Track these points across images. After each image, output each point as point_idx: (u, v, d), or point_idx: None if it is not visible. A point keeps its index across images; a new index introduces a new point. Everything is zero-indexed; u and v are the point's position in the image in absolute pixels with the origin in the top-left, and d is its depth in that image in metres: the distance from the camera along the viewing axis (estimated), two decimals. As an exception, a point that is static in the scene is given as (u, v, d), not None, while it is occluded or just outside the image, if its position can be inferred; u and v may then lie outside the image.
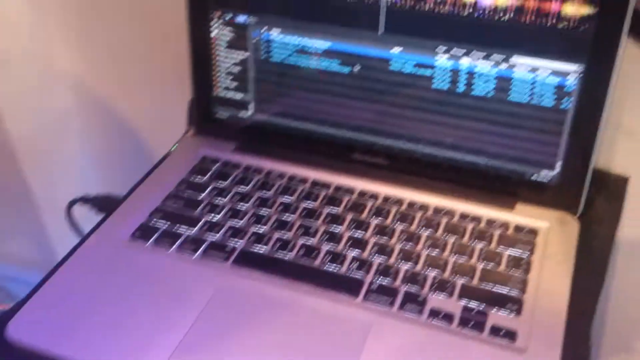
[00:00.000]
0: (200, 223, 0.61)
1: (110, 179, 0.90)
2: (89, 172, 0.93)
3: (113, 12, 0.86)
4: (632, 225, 0.67)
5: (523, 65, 0.58)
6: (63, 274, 0.57)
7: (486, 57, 0.59)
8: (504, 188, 0.63)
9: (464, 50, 0.59)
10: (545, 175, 0.61)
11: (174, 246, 0.59)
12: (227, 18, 0.66)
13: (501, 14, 0.57)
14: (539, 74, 0.58)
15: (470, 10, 0.57)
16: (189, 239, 0.60)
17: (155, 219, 0.62)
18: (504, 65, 0.58)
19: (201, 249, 0.58)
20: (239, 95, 0.69)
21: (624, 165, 0.68)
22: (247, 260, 0.57)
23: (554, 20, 0.55)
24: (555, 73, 0.57)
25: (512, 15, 0.56)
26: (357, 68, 0.63)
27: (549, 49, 0.57)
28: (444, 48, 0.60)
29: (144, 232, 0.60)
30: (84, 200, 0.69)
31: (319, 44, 0.64)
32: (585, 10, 0.54)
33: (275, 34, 0.65)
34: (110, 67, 0.90)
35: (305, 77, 0.66)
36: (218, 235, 0.60)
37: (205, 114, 0.71)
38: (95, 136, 0.92)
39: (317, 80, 0.65)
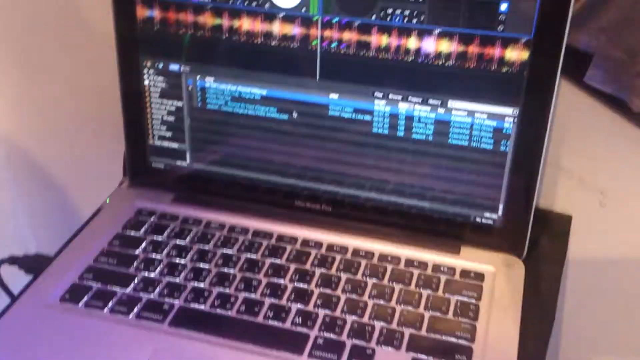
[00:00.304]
0: (135, 281, 0.58)
1: (44, 236, 0.87)
2: (20, 229, 0.90)
3: (43, 63, 0.83)
4: (577, 264, 0.67)
5: (460, 110, 0.58)
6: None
7: (423, 102, 0.58)
8: (448, 232, 0.62)
9: (401, 96, 0.59)
10: (488, 217, 0.61)
11: (108, 307, 0.56)
12: (159, 67, 0.64)
13: (436, 60, 0.56)
14: (477, 118, 0.58)
15: (405, 56, 0.57)
16: (124, 298, 0.57)
17: (87, 279, 0.59)
18: (441, 110, 0.58)
19: (136, 308, 0.56)
20: (174, 145, 0.67)
21: (565, 203, 0.69)
22: (186, 318, 0.55)
23: (488, 65, 0.55)
24: (492, 116, 0.57)
25: (447, 60, 0.56)
26: (295, 114, 0.62)
27: (485, 93, 0.57)
28: (381, 93, 0.59)
29: (75, 293, 0.57)
30: (12, 260, 0.66)
31: (256, 91, 0.62)
32: (519, 54, 0.54)
33: (210, 81, 0.63)
34: (41, 119, 0.87)
35: (242, 125, 0.64)
36: (154, 293, 0.57)
37: (140, 164, 0.69)
38: (26, 191, 0.89)
39: (255, 127, 0.64)
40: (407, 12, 0.56)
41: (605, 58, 0.60)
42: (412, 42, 0.56)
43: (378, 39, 0.57)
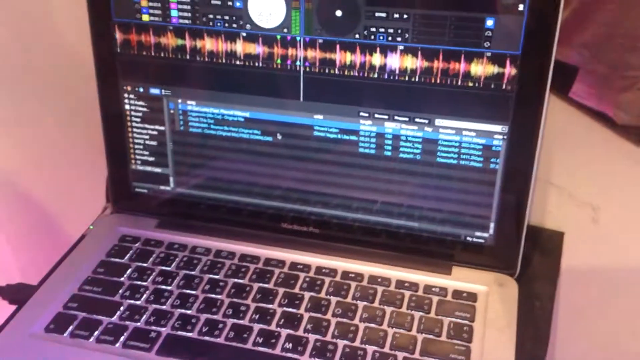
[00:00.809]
0: (121, 309, 0.57)
1: (27, 265, 0.85)
2: (3, 257, 0.88)
3: (23, 90, 0.82)
4: (570, 280, 0.67)
5: (448, 128, 0.57)
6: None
7: (410, 121, 0.58)
8: (439, 251, 0.61)
9: (387, 115, 0.58)
10: (479, 236, 0.60)
11: (94, 336, 0.55)
12: (139, 91, 0.63)
13: (421, 77, 0.56)
14: (465, 135, 0.57)
15: (390, 74, 0.56)
16: (110, 327, 0.55)
17: (72, 307, 0.57)
18: (429, 128, 0.58)
19: (123, 337, 0.54)
20: (157, 169, 0.66)
21: (557, 220, 0.68)
22: (174, 346, 0.54)
23: (476, 82, 0.55)
24: (481, 134, 0.57)
25: (432, 78, 0.55)
26: (280, 136, 0.61)
27: (473, 111, 0.56)
28: (367, 113, 0.58)
29: (60, 323, 0.56)
30: (-6, 290, 0.65)
31: (239, 113, 0.62)
32: (507, 70, 0.54)
33: (192, 104, 0.63)
34: (22, 146, 0.86)
35: (226, 148, 0.63)
36: (141, 321, 0.56)
37: (123, 190, 0.68)
38: (8, 218, 0.87)
39: (239, 149, 0.63)
40: (390, 31, 0.55)
41: (589, 73, 0.60)
42: (396, 61, 0.56)
43: (362, 59, 0.56)
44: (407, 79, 0.56)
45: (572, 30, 0.59)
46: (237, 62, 0.60)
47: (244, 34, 0.59)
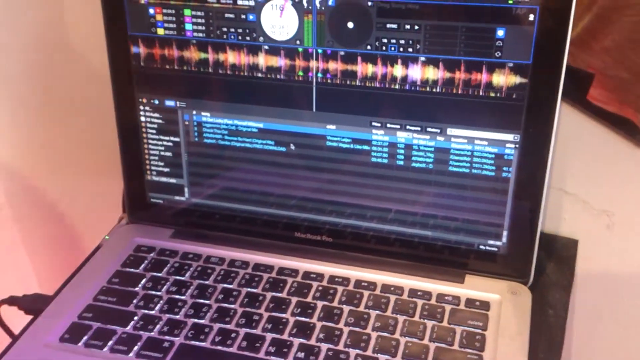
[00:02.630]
0: (135, 318, 0.57)
1: (44, 275, 0.86)
2: (21, 268, 0.89)
3: (41, 103, 0.83)
4: (585, 288, 0.66)
5: (460, 137, 0.57)
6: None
7: (422, 130, 0.58)
8: (452, 260, 0.61)
9: (399, 125, 0.58)
10: (492, 244, 0.60)
11: (108, 346, 0.55)
12: (155, 103, 0.64)
13: (433, 87, 0.56)
14: (477, 144, 0.57)
15: (402, 84, 0.57)
16: (124, 337, 0.56)
17: (87, 317, 0.58)
18: (441, 137, 0.58)
19: (137, 347, 0.55)
20: (173, 180, 0.67)
21: (571, 227, 0.68)
22: (187, 356, 0.54)
23: (487, 91, 0.55)
24: (493, 142, 0.57)
25: (444, 88, 0.56)
26: (293, 146, 0.62)
27: (485, 120, 0.56)
28: (379, 123, 0.59)
29: (74, 333, 0.56)
30: (11, 301, 0.65)
31: (252, 124, 0.62)
32: (518, 79, 0.54)
33: (206, 116, 0.63)
34: (40, 157, 0.87)
35: (240, 158, 0.64)
36: (155, 330, 0.56)
37: (138, 200, 0.68)
38: (26, 230, 0.88)
39: (253, 160, 0.63)
40: (402, 42, 0.55)
41: (610, 78, 0.60)
42: (408, 71, 0.56)
43: (374, 69, 0.57)
44: (418, 89, 0.56)
45: (593, 36, 0.59)
46: (251, 74, 0.60)
47: (257, 47, 0.59)
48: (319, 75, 0.58)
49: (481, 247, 0.60)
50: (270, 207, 0.65)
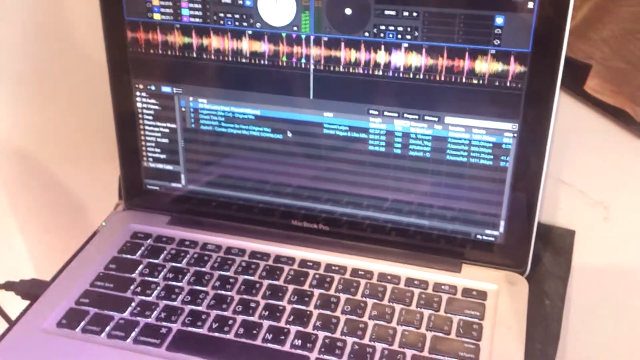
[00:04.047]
0: (132, 305, 0.57)
1: (40, 261, 0.86)
2: (17, 254, 0.89)
3: (38, 89, 0.83)
4: (581, 279, 0.66)
5: (458, 126, 0.57)
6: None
7: (420, 119, 0.58)
8: (449, 249, 0.61)
9: (397, 113, 0.58)
10: (489, 234, 0.60)
11: (105, 331, 0.55)
12: (151, 89, 0.64)
13: (431, 75, 0.56)
14: (475, 133, 0.57)
15: (399, 72, 0.56)
16: (121, 322, 0.56)
17: (84, 303, 0.58)
18: (438, 126, 0.57)
19: (134, 333, 0.55)
20: (169, 167, 0.66)
21: (568, 218, 0.68)
22: (184, 342, 0.54)
23: (485, 80, 0.55)
24: (491, 131, 0.56)
25: (442, 76, 0.55)
26: (290, 134, 0.61)
27: (483, 108, 0.56)
28: (377, 111, 0.58)
29: (72, 318, 0.56)
30: (8, 286, 0.65)
31: (249, 111, 0.62)
32: (517, 68, 0.53)
33: (203, 102, 0.63)
34: (36, 144, 0.87)
35: (237, 145, 0.64)
36: (152, 317, 0.56)
37: (135, 187, 0.68)
38: (22, 216, 0.88)
39: (249, 147, 0.63)
40: (400, 29, 0.55)
41: (607, 68, 0.60)
42: (405, 59, 0.56)
43: (371, 56, 0.57)
44: (416, 76, 0.56)
45: (592, 26, 0.59)
46: (248, 61, 0.60)
47: (254, 33, 0.59)
48: (316, 62, 0.58)
49: (478, 236, 0.60)
50: (266, 194, 0.65)
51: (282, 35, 0.58)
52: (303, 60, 0.58)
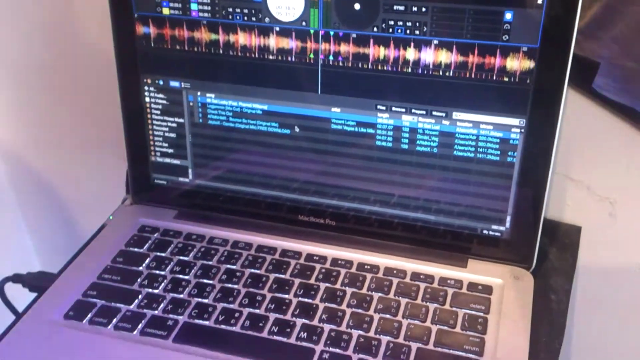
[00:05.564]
0: (139, 297, 0.58)
1: (47, 254, 0.86)
2: (24, 247, 0.89)
3: (45, 84, 0.83)
4: (587, 275, 0.66)
5: (465, 121, 0.57)
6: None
7: (427, 114, 0.58)
8: (455, 244, 0.61)
9: (404, 108, 0.58)
10: (495, 229, 0.60)
11: (112, 323, 0.55)
12: (159, 84, 0.64)
13: (439, 71, 0.56)
14: (482, 129, 0.57)
15: (408, 68, 0.57)
16: (128, 314, 0.56)
17: (91, 295, 0.58)
18: (446, 121, 0.58)
19: (140, 325, 0.55)
20: (176, 161, 0.67)
21: (575, 214, 0.68)
22: (190, 334, 0.54)
23: (493, 75, 0.55)
24: (498, 127, 0.57)
25: (450, 71, 0.56)
26: (297, 129, 0.62)
27: (490, 104, 0.56)
28: (384, 106, 0.59)
29: (79, 310, 0.57)
30: (16, 278, 0.65)
31: (257, 106, 0.62)
32: (525, 63, 0.54)
33: (211, 97, 0.63)
34: (44, 138, 0.87)
35: (244, 140, 0.64)
36: (158, 309, 0.56)
37: (142, 181, 0.68)
38: (30, 209, 0.89)
39: (257, 142, 0.63)
40: (409, 24, 0.55)
41: (616, 67, 0.60)
42: (414, 54, 0.56)
43: (379, 52, 0.57)
44: (424, 72, 0.56)
45: (602, 26, 0.59)
46: (256, 56, 0.60)
47: (263, 28, 0.59)
48: (325, 57, 0.58)
49: (484, 232, 0.60)
50: (273, 189, 0.65)
51: (290, 30, 0.58)
52: (311, 56, 0.59)
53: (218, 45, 0.61)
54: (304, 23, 0.58)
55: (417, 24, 0.55)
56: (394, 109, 0.59)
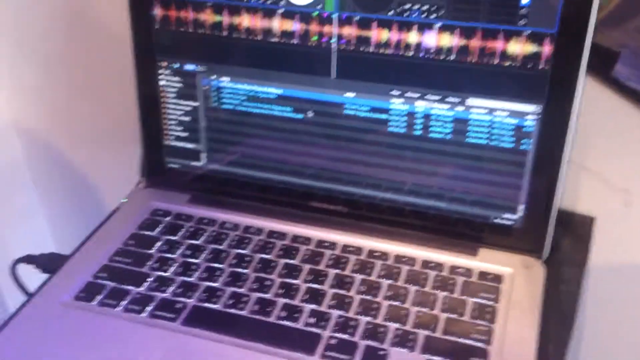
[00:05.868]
0: (150, 280, 0.58)
1: (61, 236, 0.87)
2: (38, 228, 0.90)
3: (61, 67, 0.84)
4: (600, 266, 0.65)
5: (480, 107, 0.56)
6: (2, 340, 0.53)
7: (442, 100, 0.57)
8: (466, 233, 0.61)
9: (418, 94, 0.58)
10: (508, 218, 0.59)
11: (122, 305, 0.56)
12: (174, 67, 0.64)
13: (455, 56, 0.55)
14: (497, 116, 0.56)
15: (423, 53, 0.56)
16: (137, 297, 0.56)
17: (102, 277, 0.58)
18: (460, 108, 0.57)
19: (150, 307, 0.55)
20: (190, 145, 0.67)
21: (589, 204, 0.67)
22: (199, 318, 0.54)
23: (510, 61, 0.54)
24: (513, 114, 0.56)
25: (466, 56, 0.55)
26: (311, 114, 0.61)
27: (506, 90, 0.55)
28: (398, 92, 0.58)
29: (89, 292, 0.57)
30: (28, 259, 0.66)
31: (271, 90, 0.62)
32: (542, 49, 0.53)
33: (225, 81, 0.63)
34: (59, 121, 0.88)
35: (258, 125, 0.64)
36: (168, 292, 0.57)
37: (156, 165, 0.68)
38: (44, 191, 0.89)
39: (270, 127, 0.63)
40: (425, 8, 0.55)
41: (638, 57, 0.59)
42: (430, 39, 0.55)
43: (396, 36, 0.56)
44: (440, 57, 0.56)
45: (626, 15, 0.58)
46: (271, 39, 0.60)
47: (279, 11, 0.59)
48: (340, 41, 0.58)
49: (496, 220, 0.60)
50: (285, 174, 0.65)
51: (306, 13, 0.58)
52: (326, 39, 0.58)
53: (234, 28, 0.61)
54: (319, 6, 0.57)
55: (434, 8, 0.54)
56: (408, 94, 0.58)
